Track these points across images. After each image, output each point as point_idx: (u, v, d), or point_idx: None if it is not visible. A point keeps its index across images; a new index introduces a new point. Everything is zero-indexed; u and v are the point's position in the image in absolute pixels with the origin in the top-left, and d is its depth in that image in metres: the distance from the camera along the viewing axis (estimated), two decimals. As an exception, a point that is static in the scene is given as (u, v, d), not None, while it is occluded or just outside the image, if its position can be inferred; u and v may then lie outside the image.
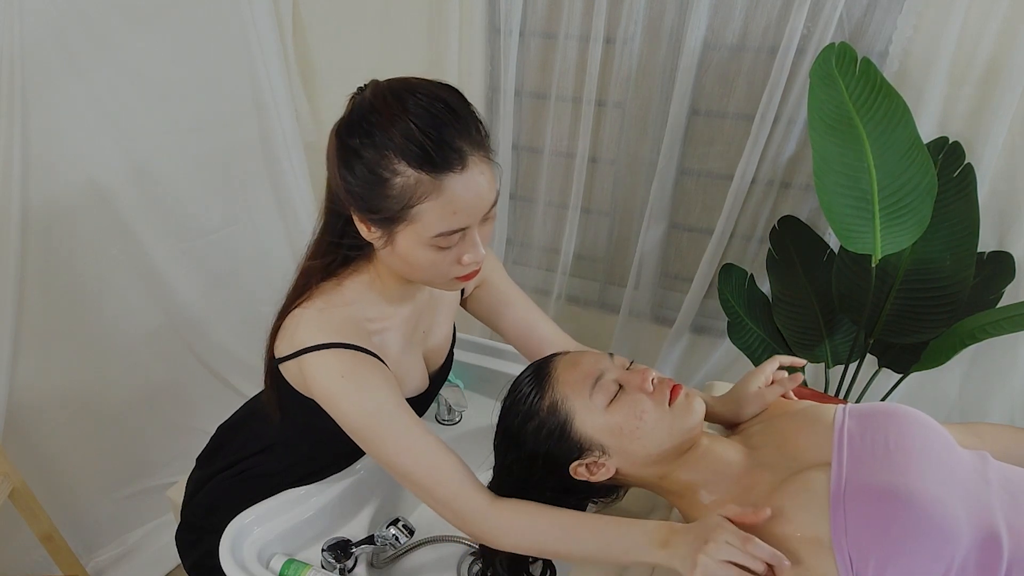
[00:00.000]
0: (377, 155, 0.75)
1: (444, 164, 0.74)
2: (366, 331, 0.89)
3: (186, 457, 1.18)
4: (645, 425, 0.82)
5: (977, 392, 1.55)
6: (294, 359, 0.85)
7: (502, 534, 0.83)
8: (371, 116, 0.75)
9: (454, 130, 0.75)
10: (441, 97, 0.76)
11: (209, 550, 0.94)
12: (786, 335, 1.58)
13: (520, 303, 1.09)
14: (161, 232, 1.65)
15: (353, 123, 0.77)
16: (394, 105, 0.75)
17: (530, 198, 1.89)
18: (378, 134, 0.74)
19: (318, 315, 0.86)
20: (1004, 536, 0.68)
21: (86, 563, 1.67)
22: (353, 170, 0.77)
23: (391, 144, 0.74)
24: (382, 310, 0.92)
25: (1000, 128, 1.31)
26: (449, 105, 0.76)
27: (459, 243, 0.80)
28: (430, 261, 0.80)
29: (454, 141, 0.74)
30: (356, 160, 0.76)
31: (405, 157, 0.74)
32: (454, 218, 0.77)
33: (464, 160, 0.75)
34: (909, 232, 1.28)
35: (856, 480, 0.72)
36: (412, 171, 0.74)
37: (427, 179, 0.74)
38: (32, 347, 1.46)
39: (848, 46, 1.27)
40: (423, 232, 0.77)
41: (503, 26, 1.64)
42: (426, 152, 0.73)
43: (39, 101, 1.35)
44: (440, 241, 0.78)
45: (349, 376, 0.83)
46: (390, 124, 0.74)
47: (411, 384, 0.99)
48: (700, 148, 1.65)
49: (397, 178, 0.75)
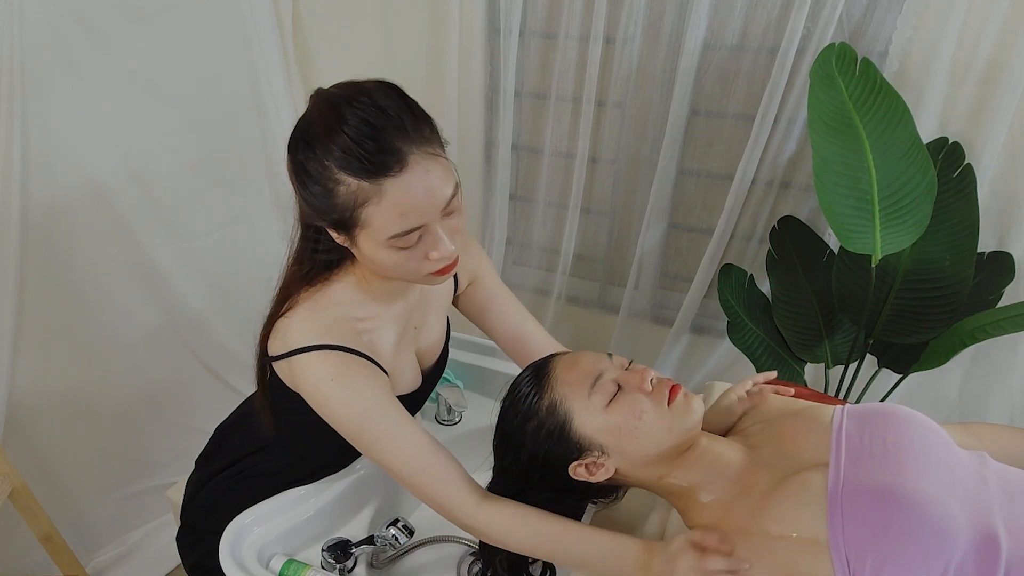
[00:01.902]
0: (320, 167, 0.76)
1: (379, 169, 0.74)
2: (356, 331, 0.89)
3: (186, 457, 1.18)
4: (644, 425, 0.82)
5: (977, 392, 1.55)
6: (284, 359, 0.86)
7: (493, 531, 0.86)
8: (311, 129, 0.77)
9: (390, 134, 0.75)
10: (376, 103, 0.76)
11: (209, 550, 0.94)
12: (786, 335, 1.58)
13: (509, 304, 1.10)
14: (161, 232, 1.65)
15: (297, 137, 0.79)
16: (329, 116, 0.76)
17: (530, 198, 1.89)
18: (318, 147, 0.76)
19: (308, 316, 0.87)
20: (1002, 537, 0.68)
21: (86, 563, 1.67)
22: (304, 183, 0.79)
23: (330, 156, 0.75)
24: (371, 309, 0.92)
25: (1000, 128, 1.31)
26: (384, 110, 0.76)
27: (421, 241, 0.80)
28: (394, 261, 0.81)
29: (390, 144, 0.75)
30: (304, 174, 0.78)
31: (343, 167, 0.75)
32: (403, 219, 0.77)
33: (403, 161, 0.75)
34: (909, 232, 1.28)
35: (854, 480, 0.72)
36: (352, 179, 0.75)
37: (367, 186, 0.75)
38: (32, 347, 1.46)
39: (848, 46, 1.27)
40: (377, 236, 0.78)
41: (503, 26, 1.64)
42: (360, 161, 0.74)
43: (39, 101, 1.35)
44: (397, 242, 0.79)
45: (338, 379, 0.84)
46: (326, 136, 0.75)
47: (404, 382, 0.99)
48: (700, 148, 1.65)
49: (340, 187, 0.76)
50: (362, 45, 1.86)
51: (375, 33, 1.82)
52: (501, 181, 1.83)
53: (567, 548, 0.85)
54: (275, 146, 1.86)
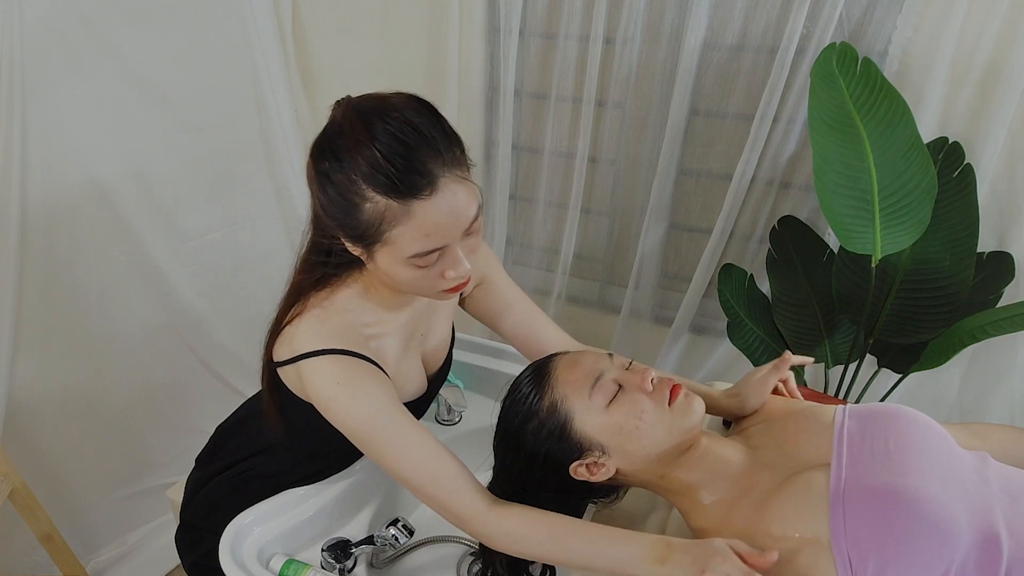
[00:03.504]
0: (346, 179, 0.74)
1: (411, 191, 0.73)
2: (363, 336, 0.89)
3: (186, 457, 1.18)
4: (645, 425, 0.82)
5: (977, 392, 1.55)
6: (292, 364, 0.86)
7: (499, 538, 0.84)
8: (339, 140, 0.75)
9: (423, 154, 0.73)
10: (409, 120, 0.74)
11: (209, 550, 0.94)
12: (786, 335, 1.58)
13: (520, 305, 1.08)
14: (161, 232, 1.65)
15: (323, 146, 0.77)
16: (360, 130, 0.74)
17: (530, 198, 1.89)
18: (346, 159, 0.74)
19: (316, 321, 0.86)
20: (1004, 537, 0.68)
21: (86, 563, 1.67)
22: (326, 192, 0.77)
23: (358, 170, 0.73)
24: (379, 316, 0.92)
25: (1000, 128, 1.31)
26: (417, 128, 0.74)
27: (440, 260, 0.80)
28: (411, 278, 0.81)
29: (423, 166, 0.73)
30: (327, 183, 0.76)
31: (371, 184, 0.73)
32: (427, 240, 0.76)
33: (434, 184, 0.74)
34: (909, 232, 1.28)
35: (855, 480, 0.72)
36: (380, 197, 0.73)
37: (395, 205, 0.73)
38: (32, 347, 1.46)
39: (849, 46, 1.27)
40: (398, 254, 0.77)
41: (503, 26, 1.64)
42: (391, 180, 0.72)
43: (39, 101, 1.35)
44: (417, 261, 0.78)
45: (345, 382, 0.84)
46: (355, 150, 0.73)
47: (410, 388, 0.99)
48: (700, 148, 1.65)
49: (367, 203, 0.74)
50: (362, 45, 1.86)
51: (375, 33, 1.82)
52: (501, 181, 1.83)
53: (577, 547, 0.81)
54: (275, 146, 1.86)
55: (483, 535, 0.85)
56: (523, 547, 0.84)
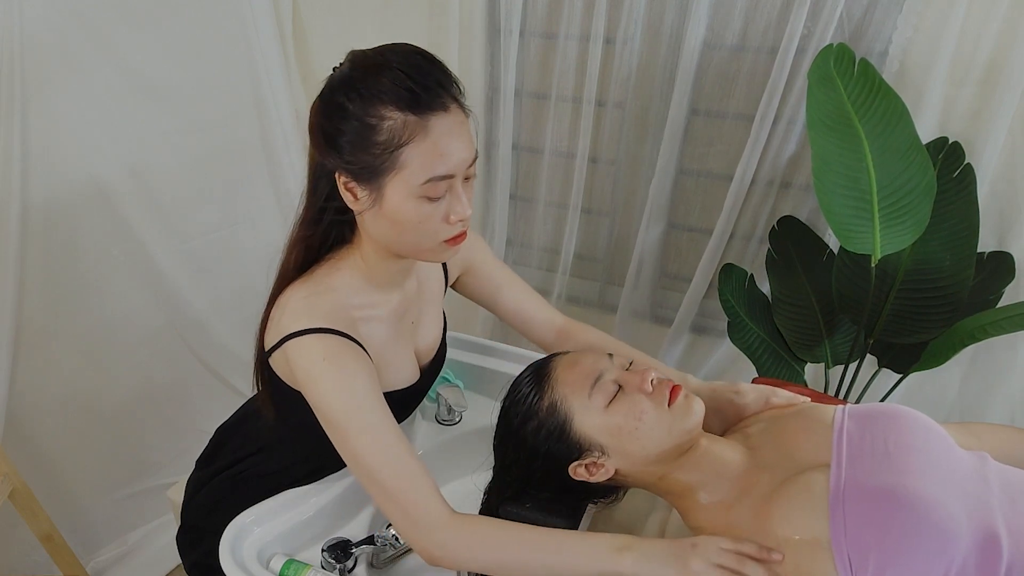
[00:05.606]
0: (364, 104, 0.77)
1: (430, 104, 0.76)
2: (352, 318, 0.88)
3: (186, 457, 1.18)
4: (644, 425, 0.82)
5: (977, 392, 1.55)
6: (280, 347, 0.85)
7: (461, 547, 0.80)
8: (355, 72, 0.79)
9: (437, 73, 0.78)
10: (418, 50, 0.80)
11: (209, 550, 0.94)
12: (786, 335, 1.58)
13: (507, 286, 1.12)
14: (161, 232, 1.65)
15: (335, 84, 0.80)
16: (376, 59, 0.79)
17: (530, 198, 1.89)
18: (364, 87, 0.77)
19: (303, 302, 0.86)
20: (1003, 537, 0.68)
21: (86, 563, 1.67)
22: (340, 127, 0.79)
23: (378, 90, 0.76)
24: (369, 297, 0.91)
25: (1000, 128, 1.31)
26: (426, 55, 0.80)
27: (446, 197, 0.81)
28: (419, 216, 0.80)
29: (438, 84, 0.78)
30: (342, 117, 0.78)
31: (394, 101, 0.76)
32: (441, 161, 0.78)
33: (446, 104, 0.78)
34: (908, 232, 1.28)
35: (855, 481, 0.72)
36: (400, 113, 0.76)
37: (414, 119, 0.76)
38: (32, 347, 1.46)
39: (846, 47, 1.27)
40: (411, 179, 0.78)
41: (503, 26, 1.64)
42: (413, 93, 0.76)
43: (39, 101, 1.35)
44: (429, 189, 0.79)
45: (331, 359, 0.82)
46: (376, 74, 0.77)
47: (400, 375, 0.98)
48: (700, 148, 1.65)
49: (385, 122, 0.76)
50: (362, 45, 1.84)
51: (375, 33, 1.82)
52: (501, 181, 1.83)
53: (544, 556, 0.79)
54: (275, 146, 1.86)
55: (439, 544, 0.80)
56: (486, 556, 0.80)
